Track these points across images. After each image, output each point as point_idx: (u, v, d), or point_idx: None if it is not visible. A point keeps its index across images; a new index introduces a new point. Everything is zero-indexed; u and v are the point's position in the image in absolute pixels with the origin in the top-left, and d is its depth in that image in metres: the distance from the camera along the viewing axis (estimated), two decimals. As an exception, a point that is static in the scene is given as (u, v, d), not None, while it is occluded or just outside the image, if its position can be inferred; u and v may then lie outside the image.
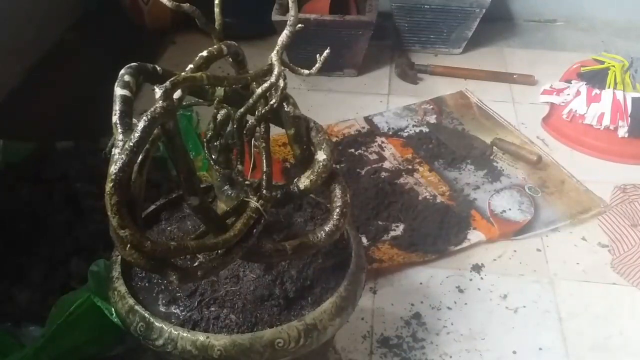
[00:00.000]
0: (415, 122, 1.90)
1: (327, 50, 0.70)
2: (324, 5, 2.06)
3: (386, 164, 1.72)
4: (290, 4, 0.68)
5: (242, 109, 0.70)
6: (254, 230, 0.72)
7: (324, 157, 0.79)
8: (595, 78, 1.80)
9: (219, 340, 0.79)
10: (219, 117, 0.78)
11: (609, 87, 1.75)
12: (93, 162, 1.53)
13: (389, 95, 2.07)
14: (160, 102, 0.57)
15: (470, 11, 2.13)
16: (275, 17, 1.99)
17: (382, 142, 1.81)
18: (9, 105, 1.85)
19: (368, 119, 1.91)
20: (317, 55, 0.71)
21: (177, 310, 0.85)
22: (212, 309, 0.85)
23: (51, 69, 2.05)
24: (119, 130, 0.59)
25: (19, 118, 1.78)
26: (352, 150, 1.78)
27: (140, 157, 0.61)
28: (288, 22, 0.68)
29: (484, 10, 2.12)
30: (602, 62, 1.83)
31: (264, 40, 2.16)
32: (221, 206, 0.83)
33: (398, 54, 2.25)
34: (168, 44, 2.31)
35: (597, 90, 1.76)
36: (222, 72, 0.71)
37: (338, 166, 1.71)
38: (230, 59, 0.77)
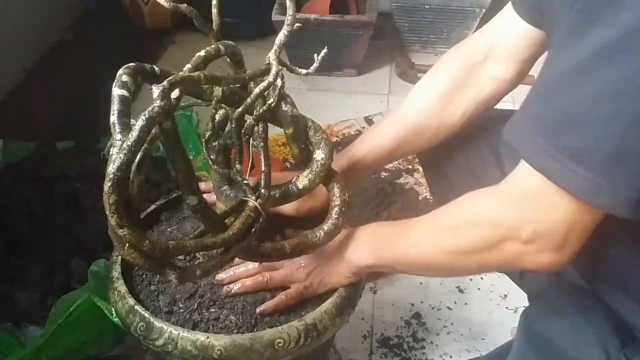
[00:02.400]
0: (415, 121, 1.90)
1: (325, 50, 0.70)
2: (324, 5, 2.06)
3: (386, 164, 1.72)
4: (288, 3, 0.68)
5: (240, 109, 0.70)
6: (253, 230, 0.72)
7: (322, 156, 0.79)
8: (596, 78, 1.80)
9: (219, 340, 0.79)
10: (217, 117, 0.78)
11: (609, 87, 1.75)
12: (93, 162, 1.53)
13: (389, 95, 2.07)
14: (158, 101, 0.57)
15: (470, 11, 2.13)
16: (275, 17, 1.99)
17: (382, 142, 1.81)
18: (9, 105, 1.85)
19: (368, 119, 1.91)
20: (315, 55, 0.71)
21: (178, 311, 0.85)
22: (212, 310, 0.85)
23: (51, 69, 2.05)
24: (117, 130, 0.59)
25: (19, 118, 1.79)
26: (352, 150, 1.78)
27: (139, 156, 0.61)
28: (286, 21, 0.68)
29: (484, 10, 2.12)
30: (602, 62, 1.82)
31: (263, 40, 2.16)
32: (220, 206, 0.83)
33: (398, 54, 2.25)
34: (168, 44, 2.31)
35: (597, 90, 1.76)
36: (221, 73, 0.71)
37: (338, 166, 1.71)
38: (228, 59, 0.77)
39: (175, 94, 0.62)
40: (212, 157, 0.79)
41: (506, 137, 0.70)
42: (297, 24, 0.70)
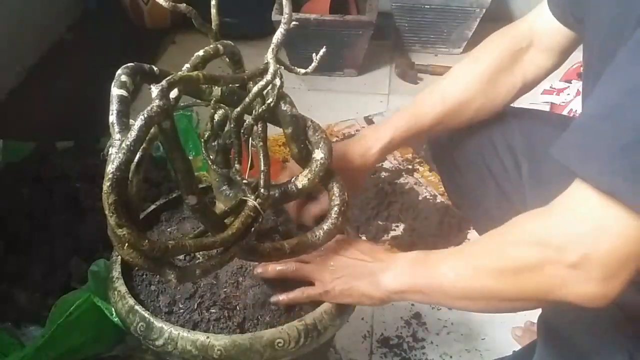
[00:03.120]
0: (415, 121, 1.90)
1: (324, 49, 0.70)
2: (324, 5, 2.06)
3: (386, 164, 1.72)
4: (285, 2, 0.68)
5: (238, 108, 0.70)
6: (252, 229, 0.72)
7: (322, 155, 0.79)
8: (596, 77, 1.80)
9: (219, 341, 0.79)
10: (216, 117, 0.78)
11: (609, 87, 1.75)
12: (93, 162, 1.53)
13: (389, 95, 2.06)
14: (156, 101, 0.57)
15: (471, 11, 2.13)
16: (276, 17, 1.99)
17: (382, 142, 1.81)
18: (9, 105, 1.85)
19: (368, 119, 1.91)
20: (314, 55, 0.71)
21: (178, 311, 0.85)
22: (212, 310, 0.85)
23: (51, 69, 2.05)
24: (116, 129, 0.59)
25: (19, 118, 1.79)
26: (351, 151, 1.77)
27: (138, 156, 0.61)
28: (282, 20, 0.68)
29: (484, 10, 2.12)
30: (603, 62, 1.82)
31: (263, 40, 2.15)
32: (220, 206, 0.83)
33: (398, 54, 2.25)
34: (168, 44, 2.31)
35: (597, 90, 1.76)
36: (222, 72, 0.71)
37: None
38: (227, 59, 0.77)
39: (174, 93, 0.62)
40: (211, 157, 0.79)
41: (559, 157, 0.66)
42: (294, 23, 0.70)
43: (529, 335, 1.24)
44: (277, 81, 0.70)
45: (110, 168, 0.57)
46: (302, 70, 0.72)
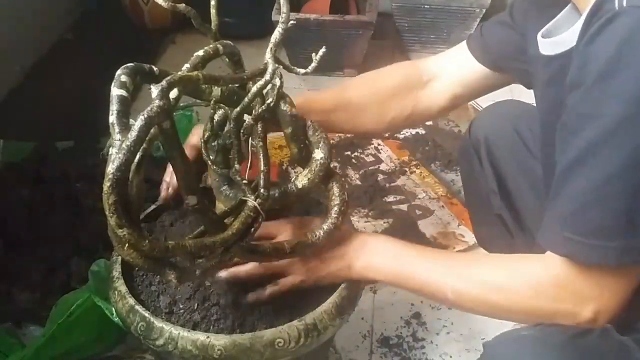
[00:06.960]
0: (411, 123, 1.89)
1: (323, 49, 0.70)
2: (324, 5, 2.06)
3: (382, 166, 1.72)
4: (282, 2, 0.68)
5: (238, 108, 0.70)
6: (252, 229, 0.72)
7: (322, 155, 0.80)
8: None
9: (219, 340, 0.79)
10: (216, 117, 0.78)
11: (609, 87, 1.75)
12: (93, 162, 1.53)
13: (389, 95, 2.06)
14: (156, 101, 0.57)
15: (470, 11, 2.13)
16: (276, 17, 1.99)
17: (379, 144, 1.81)
18: (9, 105, 1.85)
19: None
20: (313, 55, 0.71)
21: (178, 311, 0.85)
22: (213, 310, 0.85)
23: (51, 69, 2.05)
24: (116, 130, 0.59)
25: (19, 118, 1.79)
26: (348, 152, 1.78)
27: (138, 156, 0.61)
28: (280, 19, 0.69)
29: (484, 10, 2.12)
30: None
31: (263, 40, 2.14)
32: (220, 206, 0.83)
33: (398, 54, 2.25)
34: (168, 44, 2.31)
35: (597, 90, 1.75)
36: (222, 73, 0.71)
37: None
38: (227, 59, 0.77)
39: (174, 93, 0.62)
40: (211, 157, 0.79)
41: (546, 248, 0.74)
42: (292, 22, 0.70)
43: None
44: (277, 81, 0.70)
45: (111, 168, 0.57)
46: (302, 70, 0.72)
